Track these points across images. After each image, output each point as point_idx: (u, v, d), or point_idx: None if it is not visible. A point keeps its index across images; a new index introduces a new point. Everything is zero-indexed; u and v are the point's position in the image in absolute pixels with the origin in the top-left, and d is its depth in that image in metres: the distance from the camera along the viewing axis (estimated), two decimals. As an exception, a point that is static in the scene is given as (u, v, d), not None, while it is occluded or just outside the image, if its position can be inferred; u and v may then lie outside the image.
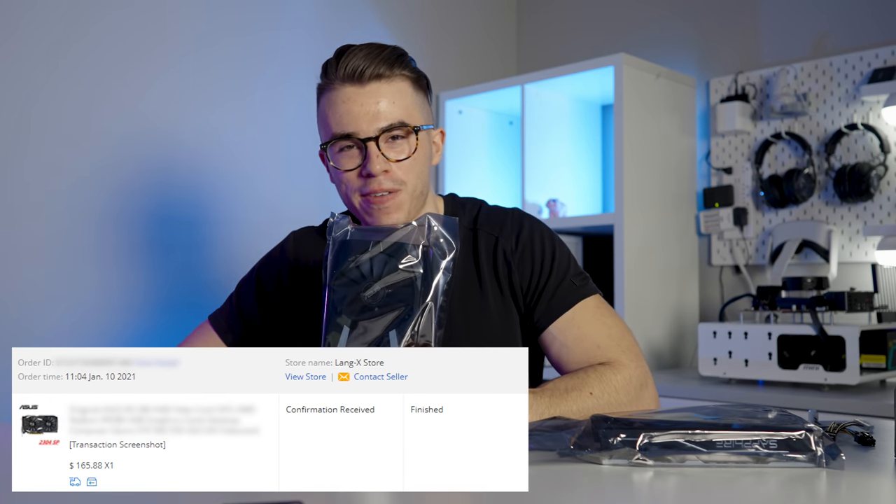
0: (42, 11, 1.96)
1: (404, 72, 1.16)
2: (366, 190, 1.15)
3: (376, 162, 1.13)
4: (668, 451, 0.86)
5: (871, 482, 0.85)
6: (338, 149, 1.15)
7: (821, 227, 2.37)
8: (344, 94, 1.13)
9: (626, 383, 1.12)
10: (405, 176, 1.16)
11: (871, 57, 2.35)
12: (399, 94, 1.15)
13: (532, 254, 1.22)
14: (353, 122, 1.13)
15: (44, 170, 1.96)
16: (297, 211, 2.43)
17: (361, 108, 1.12)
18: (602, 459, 0.87)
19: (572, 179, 2.77)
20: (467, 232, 1.25)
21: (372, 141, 1.13)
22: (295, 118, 2.46)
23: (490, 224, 1.25)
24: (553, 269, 1.21)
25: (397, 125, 1.14)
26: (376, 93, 1.13)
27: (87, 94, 2.04)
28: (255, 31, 2.37)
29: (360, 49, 1.14)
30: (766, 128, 2.55)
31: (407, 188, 1.16)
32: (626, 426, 0.88)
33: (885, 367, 1.97)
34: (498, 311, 1.22)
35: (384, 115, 1.13)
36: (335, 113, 1.14)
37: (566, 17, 3.10)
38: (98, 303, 2.04)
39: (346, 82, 1.13)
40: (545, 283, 1.20)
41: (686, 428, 0.87)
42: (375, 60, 1.13)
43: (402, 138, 1.15)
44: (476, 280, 1.22)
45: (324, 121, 1.17)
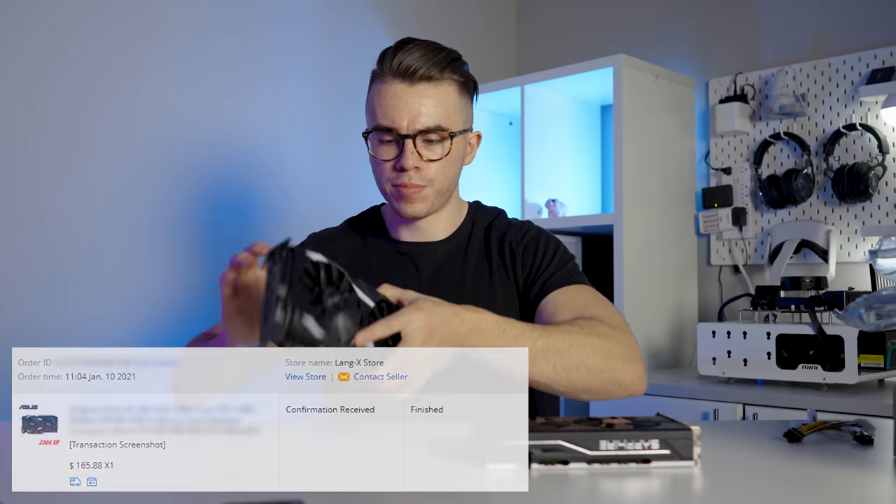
0: (41, 11, 1.96)
1: (454, 76, 1.23)
2: (397, 181, 1.22)
3: (410, 159, 1.20)
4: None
5: (871, 482, 0.85)
6: (378, 139, 1.23)
7: (819, 227, 2.37)
8: (393, 90, 1.20)
9: (611, 330, 1.10)
10: (434, 175, 1.23)
11: (869, 58, 2.35)
12: (443, 98, 1.21)
13: (536, 245, 1.29)
14: (397, 118, 1.20)
15: (44, 170, 1.96)
16: (297, 210, 2.43)
17: (406, 107, 1.19)
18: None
19: (572, 180, 2.77)
20: (484, 232, 1.34)
21: (409, 139, 1.20)
22: (295, 116, 2.46)
23: (501, 224, 1.35)
24: (554, 259, 1.28)
25: (434, 128, 1.21)
26: (422, 94, 1.20)
27: (87, 94, 2.03)
28: (254, 30, 2.37)
29: (418, 47, 1.21)
30: (765, 128, 2.55)
31: (434, 186, 1.24)
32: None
33: (883, 366, 1.97)
34: (502, 293, 1.29)
35: (425, 117, 1.20)
36: (382, 105, 1.21)
37: (566, 17, 3.10)
38: (99, 302, 2.04)
39: (397, 78, 1.20)
40: (545, 267, 1.27)
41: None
42: (428, 63, 1.19)
43: (438, 141, 1.22)
44: (487, 269, 1.30)
45: (371, 108, 1.24)
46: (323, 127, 2.53)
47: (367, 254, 1.33)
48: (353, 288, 0.89)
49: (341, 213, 1.45)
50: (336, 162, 2.55)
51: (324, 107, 2.54)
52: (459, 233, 1.33)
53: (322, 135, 2.53)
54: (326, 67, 2.55)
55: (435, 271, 1.30)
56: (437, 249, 1.31)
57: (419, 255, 1.31)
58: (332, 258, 0.89)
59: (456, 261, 1.31)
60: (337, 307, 0.87)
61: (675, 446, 0.87)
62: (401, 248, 1.32)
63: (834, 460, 0.93)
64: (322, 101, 2.54)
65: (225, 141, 2.30)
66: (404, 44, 1.21)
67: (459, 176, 1.30)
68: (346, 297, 0.88)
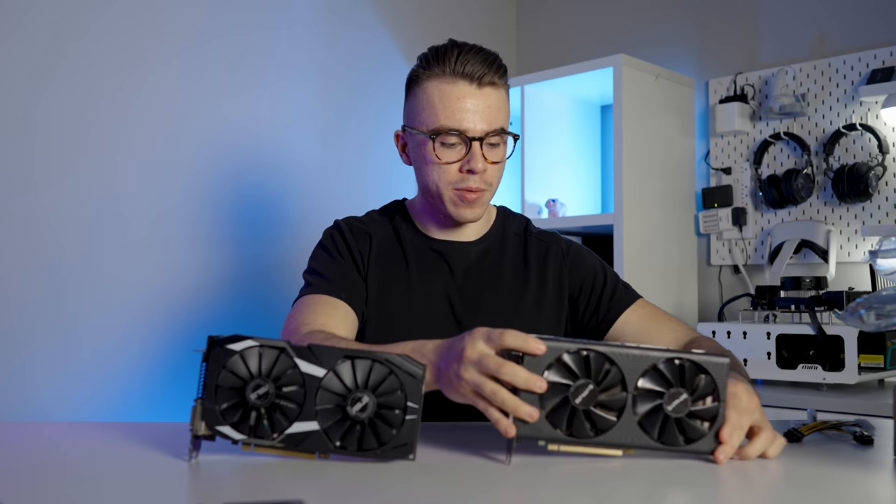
0: (42, 11, 1.96)
1: (505, 82, 1.27)
2: (461, 185, 1.23)
3: (479, 161, 1.21)
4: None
5: (871, 482, 0.86)
6: (443, 141, 1.22)
7: (819, 227, 2.37)
8: (460, 91, 1.21)
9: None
10: (493, 178, 1.26)
11: (869, 58, 2.36)
12: (502, 102, 1.25)
13: (583, 261, 1.35)
14: (467, 120, 1.20)
15: (45, 169, 1.96)
16: (297, 210, 2.43)
17: (476, 109, 1.21)
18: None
19: (572, 179, 2.77)
20: (518, 238, 1.37)
21: (477, 141, 1.21)
22: (295, 117, 2.46)
23: (541, 234, 1.38)
24: (606, 276, 1.34)
25: (499, 131, 1.23)
26: (488, 98, 1.22)
27: (89, 93, 2.03)
28: (255, 30, 2.37)
29: (478, 52, 1.22)
30: (765, 128, 2.55)
31: (492, 189, 1.27)
32: None
33: (883, 366, 1.98)
34: (537, 299, 1.31)
35: (492, 119, 1.22)
36: (448, 106, 1.21)
37: (565, 17, 3.10)
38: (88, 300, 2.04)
39: (464, 80, 1.21)
40: (602, 286, 1.32)
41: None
42: (492, 68, 1.22)
43: (499, 145, 1.25)
44: (525, 275, 1.32)
45: (432, 109, 1.22)
46: (323, 127, 2.54)
47: (402, 245, 1.32)
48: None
49: (341, 214, 1.45)
50: (336, 162, 2.56)
51: (323, 107, 2.54)
52: (490, 235, 1.35)
53: (322, 135, 2.53)
54: (326, 68, 2.55)
55: (468, 270, 1.31)
56: (469, 250, 1.32)
57: (452, 253, 1.32)
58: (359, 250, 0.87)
59: (489, 262, 1.32)
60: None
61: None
62: (434, 244, 1.32)
63: (834, 460, 0.93)
64: (322, 102, 2.54)
65: (225, 140, 2.30)
66: (461, 46, 1.23)
67: None
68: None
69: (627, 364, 0.88)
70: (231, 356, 0.86)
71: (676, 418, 0.88)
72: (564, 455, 0.91)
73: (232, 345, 0.86)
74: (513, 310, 1.30)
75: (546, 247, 1.35)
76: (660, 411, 0.88)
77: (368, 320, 1.27)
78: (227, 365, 0.86)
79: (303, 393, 0.86)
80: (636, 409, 0.88)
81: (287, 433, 0.86)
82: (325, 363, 0.87)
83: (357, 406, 0.86)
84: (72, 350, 1.99)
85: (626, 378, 0.88)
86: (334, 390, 0.87)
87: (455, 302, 1.29)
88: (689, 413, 0.88)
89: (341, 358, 0.87)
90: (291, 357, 0.87)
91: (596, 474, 0.85)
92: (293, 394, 0.86)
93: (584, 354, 0.87)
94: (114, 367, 2.05)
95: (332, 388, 0.87)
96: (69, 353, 1.98)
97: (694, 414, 0.89)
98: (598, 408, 0.87)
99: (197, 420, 0.86)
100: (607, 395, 0.87)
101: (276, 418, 0.86)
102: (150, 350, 2.11)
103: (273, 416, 0.86)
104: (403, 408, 0.87)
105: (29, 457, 0.93)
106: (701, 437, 0.89)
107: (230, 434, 0.86)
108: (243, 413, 0.86)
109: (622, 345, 0.88)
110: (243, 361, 0.86)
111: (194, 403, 0.86)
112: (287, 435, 0.86)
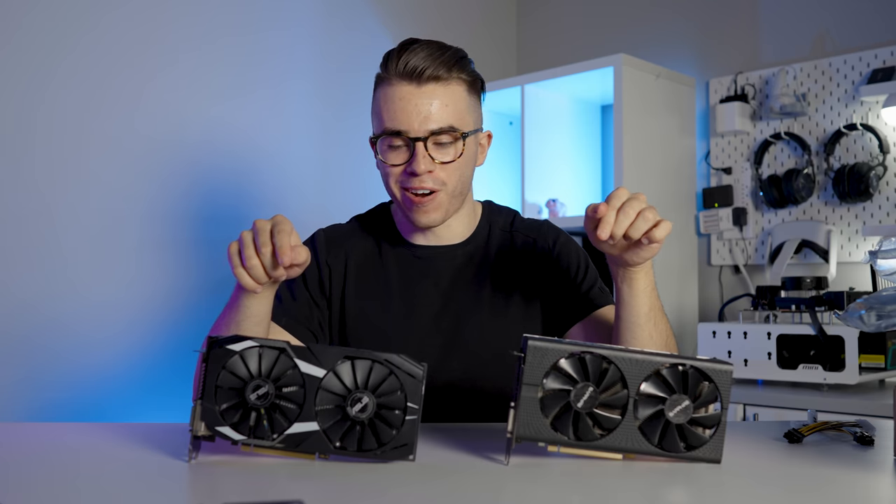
0: (41, 12, 1.96)
1: (461, 75, 1.19)
2: (407, 185, 1.19)
3: (422, 162, 1.16)
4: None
5: (871, 482, 0.85)
6: (387, 144, 1.19)
7: (820, 227, 2.37)
8: (400, 92, 1.16)
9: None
10: (447, 178, 1.19)
11: (870, 57, 2.35)
12: (453, 97, 1.18)
13: (568, 256, 1.30)
14: (406, 121, 1.16)
15: (46, 168, 1.96)
16: (297, 210, 2.43)
17: (415, 109, 1.16)
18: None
19: (572, 179, 2.77)
20: (504, 234, 1.32)
21: (420, 141, 1.16)
22: (295, 117, 2.46)
23: (526, 229, 1.33)
24: (587, 273, 1.30)
25: (447, 129, 1.17)
26: (431, 95, 1.16)
27: (89, 93, 2.03)
28: (255, 31, 2.37)
29: (423, 47, 1.17)
30: (766, 128, 2.55)
31: (447, 189, 1.20)
32: None
33: (884, 366, 1.97)
34: (523, 299, 1.28)
35: (436, 118, 1.16)
36: (389, 108, 1.17)
37: (566, 17, 3.10)
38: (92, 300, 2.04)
39: (404, 79, 1.16)
40: (580, 281, 1.28)
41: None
42: (436, 62, 1.16)
43: (450, 143, 1.18)
44: (509, 273, 1.28)
45: (377, 113, 1.20)
46: (322, 127, 2.53)
47: (383, 258, 1.29)
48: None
49: (340, 213, 1.44)
50: (335, 162, 2.56)
51: (323, 108, 2.54)
52: (477, 235, 1.30)
53: (321, 135, 2.53)
54: (326, 69, 2.55)
55: (454, 275, 1.27)
56: (455, 253, 1.28)
57: (437, 259, 1.28)
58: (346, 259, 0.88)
59: (475, 265, 1.28)
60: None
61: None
62: (417, 251, 1.28)
63: (834, 461, 0.93)
64: (322, 102, 2.54)
65: (226, 140, 2.30)
66: (408, 44, 1.18)
67: (472, 178, 1.26)
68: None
69: (629, 368, 0.87)
70: (231, 356, 0.86)
71: (678, 425, 0.88)
72: (564, 456, 0.90)
73: (232, 345, 0.86)
74: (500, 315, 1.26)
75: (532, 242, 1.30)
76: (661, 417, 0.88)
77: (349, 337, 1.24)
78: (226, 365, 0.86)
79: (303, 393, 0.86)
80: (637, 414, 0.88)
81: (287, 434, 0.86)
82: (325, 363, 0.87)
83: (357, 406, 0.86)
84: (72, 350, 1.99)
85: (629, 381, 0.87)
86: (334, 391, 0.87)
87: (439, 313, 1.25)
88: (691, 420, 0.88)
89: (341, 358, 0.87)
90: (291, 357, 0.87)
91: (596, 474, 0.85)
92: (293, 394, 0.86)
93: (581, 357, 0.87)
94: (114, 367, 2.05)
95: (331, 388, 0.87)
96: (69, 353, 1.98)
97: (695, 421, 0.88)
98: (601, 408, 0.87)
99: (197, 420, 0.86)
100: (609, 395, 0.87)
101: (275, 419, 0.86)
102: (150, 350, 2.11)
103: (273, 416, 0.86)
104: (403, 408, 0.87)
105: (29, 457, 0.93)
106: (702, 444, 0.88)
107: (230, 434, 0.86)
108: (243, 413, 0.86)
109: (625, 349, 0.88)
110: (243, 362, 0.86)
111: (194, 404, 0.86)
112: (287, 435, 0.86)
